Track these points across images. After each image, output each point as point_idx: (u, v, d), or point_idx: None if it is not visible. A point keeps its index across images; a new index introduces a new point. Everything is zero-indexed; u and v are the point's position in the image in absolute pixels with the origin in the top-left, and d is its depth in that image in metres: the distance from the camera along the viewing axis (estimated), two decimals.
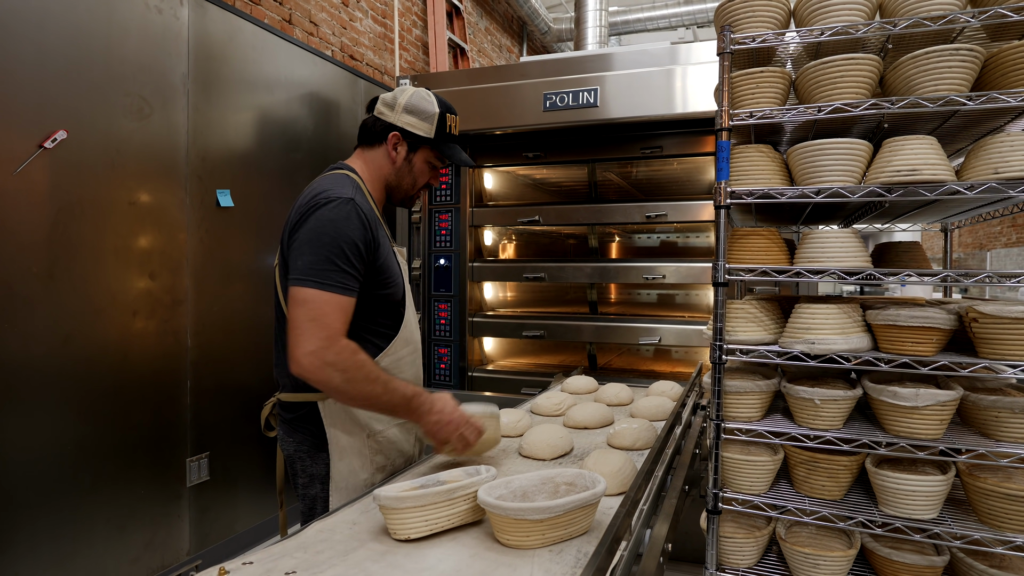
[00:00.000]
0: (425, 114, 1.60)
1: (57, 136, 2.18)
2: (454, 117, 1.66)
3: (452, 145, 1.66)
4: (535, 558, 1.12)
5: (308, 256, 1.38)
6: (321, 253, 1.38)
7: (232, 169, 2.93)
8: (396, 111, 1.59)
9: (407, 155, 1.62)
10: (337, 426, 1.56)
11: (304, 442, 1.60)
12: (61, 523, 2.22)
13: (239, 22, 2.97)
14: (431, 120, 1.60)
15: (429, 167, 1.67)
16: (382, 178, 1.64)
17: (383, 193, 1.67)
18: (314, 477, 1.60)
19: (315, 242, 1.39)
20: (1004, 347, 1.21)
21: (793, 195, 1.34)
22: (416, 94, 1.60)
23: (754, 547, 1.42)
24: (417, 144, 1.62)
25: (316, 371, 1.34)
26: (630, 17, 6.56)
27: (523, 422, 1.98)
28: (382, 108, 1.61)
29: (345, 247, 1.40)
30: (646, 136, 3.08)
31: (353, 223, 1.42)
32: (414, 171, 1.65)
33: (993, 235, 9.91)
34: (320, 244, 1.38)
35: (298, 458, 1.62)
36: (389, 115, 1.60)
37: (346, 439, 1.56)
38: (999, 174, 1.21)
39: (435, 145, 1.62)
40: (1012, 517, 1.22)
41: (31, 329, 2.12)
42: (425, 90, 1.63)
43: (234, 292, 2.95)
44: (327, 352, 1.34)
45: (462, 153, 1.69)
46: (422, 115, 1.60)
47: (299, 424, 1.60)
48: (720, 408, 1.39)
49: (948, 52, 1.24)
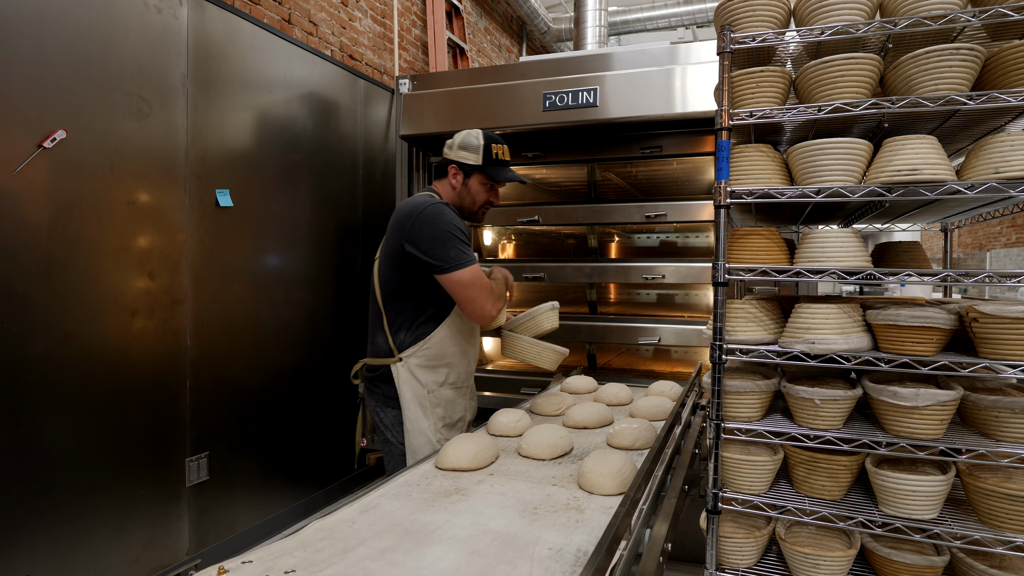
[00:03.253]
0: (472, 147, 2.06)
1: (56, 136, 2.17)
2: (500, 146, 2.10)
3: (498, 168, 2.10)
4: (535, 557, 1.12)
5: (442, 249, 1.90)
6: (450, 244, 1.90)
7: (231, 169, 2.93)
8: (453, 149, 2.09)
9: (463, 181, 2.10)
10: (404, 384, 2.03)
11: (381, 396, 2.10)
12: (61, 523, 2.21)
13: (238, 22, 2.96)
14: (477, 151, 2.06)
15: (484, 188, 2.12)
16: (451, 201, 2.10)
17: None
18: (386, 426, 2.10)
19: (440, 238, 1.90)
20: (1004, 347, 1.21)
21: (793, 195, 1.34)
22: (468, 134, 2.09)
23: (754, 547, 1.42)
24: (469, 171, 2.08)
25: (499, 310, 2.00)
26: (629, 17, 6.56)
27: (523, 422, 1.98)
28: (445, 149, 2.12)
29: (457, 232, 1.93)
30: (646, 136, 3.08)
31: (453, 216, 1.96)
32: (471, 192, 2.11)
33: (993, 235, 9.92)
34: (445, 238, 1.90)
35: (377, 408, 2.12)
36: (449, 153, 2.10)
37: (410, 394, 2.03)
38: (999, 174, 1.21)
39: (483, 169, 2.07)
40: (1012, 517, 1.22)
41: (30, 329, 2.12)
42: (476, 130, 2.09)
43: (233, 292, 2.95)
44: (496, 298, 2.00)
45: (508, 172, 2.12)
46: (470, 148, 2.07)
47: (377, 381, 2.11)
48: (720, 408, 1.39)
49: (948, 51, 1.24)
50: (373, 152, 4.03)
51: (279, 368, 3.24)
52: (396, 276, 2.02)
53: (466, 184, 2.09)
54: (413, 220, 1.93)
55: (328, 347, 3.62)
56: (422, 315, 2.04)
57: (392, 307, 2.05)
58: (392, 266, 2.02)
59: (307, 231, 3.44)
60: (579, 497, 1.43)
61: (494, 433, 1.96)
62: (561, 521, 1.29)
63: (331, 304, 3.65)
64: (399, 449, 2.08)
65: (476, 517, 1.30)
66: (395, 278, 2.02)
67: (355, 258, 3.87)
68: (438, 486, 1.50)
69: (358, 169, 3.88)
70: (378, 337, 2.10)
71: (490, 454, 1.67)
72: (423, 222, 1.91)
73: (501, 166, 2.10)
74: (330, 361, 3.64)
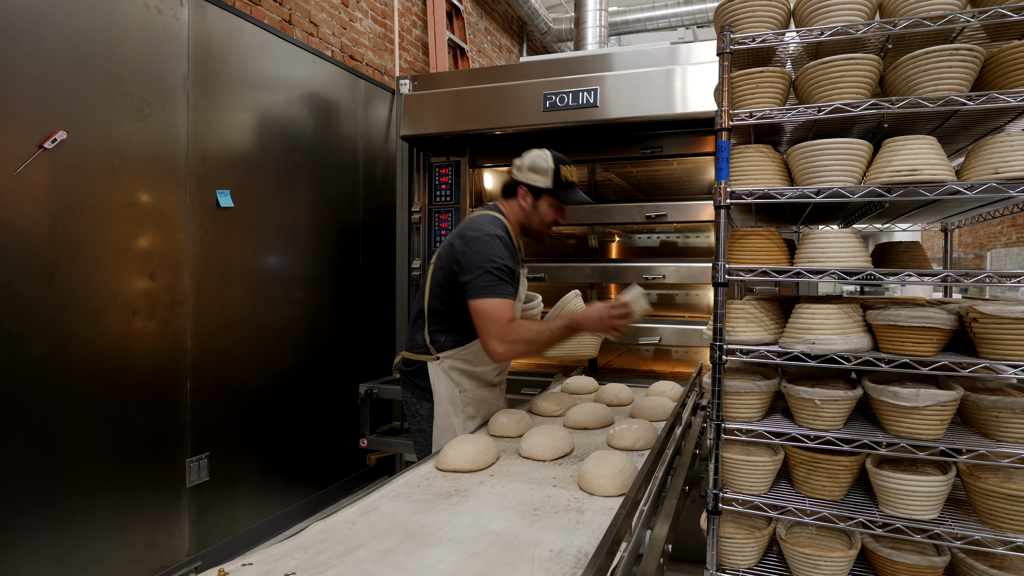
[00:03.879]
0: (542, 169, 2.07)
1: (57, 136, 2.18)
2: (568, 168, 2.10)
3: (567, 190, 2.10)
4: (535, 558, 1.12)
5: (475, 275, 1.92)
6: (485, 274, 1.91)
7: (232, 169, 2.93)
8: (522, 171, 2.10)
9: (533, 202, 2.11)
10: (439, 382, 2.10)
11: (416, 389, 2.17)
12: (61, 523, 2.22)
13: (239, 22, 2.97)
14: (547, 173, 2.06)
15: (552, 209, 2.13)
16: (518, 221, 2.14)
17: (519, 231, 2.16)
18: (421, 417, 2.17)
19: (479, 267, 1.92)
20: (1004, 347, 1.21)
21: (793, 195, 1.34)
22: (538, 156, 2.08)
23: (754, 547, 1.42)
24: (539, 193, 2.09)
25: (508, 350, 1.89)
26: (630, 17, 6.56)
27: (523, 422, 1.98)
28: (513, 170, 2.13)
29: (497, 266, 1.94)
30: (646, 136, 3.08)
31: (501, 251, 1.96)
32: (540, 213, 2.12)
33: (993, 235, 9.91)
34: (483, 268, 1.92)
35: (411, 402, 2.19)
36: (518, 175, 2.11)
37: (444, 391, 2.10)
38: (999, 174, 1.21)
39: (553, 192, 2.08)
40: (1013, 517, 1.22)
41: (30, 329, 2.12)
42: (545, 151, 2.09)
43: (234, 292, 2.95)
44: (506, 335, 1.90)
45: (577, 194, 2.11)
46: (540, 171, 2.07)
47: (413, 376, 2.17)
48: (720, 408, 1.39)
49: (948, 52, 1.24)
50: (374, 152, 4.03)
51: (280, 368, 3.24)
52: (447, 286, 2.06)
53: (535, 206, 2.11)
54: (468, 243, 1.98)
55: (328, 347, 3.62)
56: (465, 324, 2.05)
57: (437, 312, 2.10)
58: (444, 276, 2.07)
59: (308, 231, 3.44)
60: (580, 498, 1.43)
61: (494, 434, 1.96)
62: (562, 522, 1.29)
63: (332, 304, 3.65)
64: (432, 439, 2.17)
65: (476, 518, 1.30)
66: (446, 287, 2.07)
67: (356, 258, 3.87)
68: (439, 487, 1.50)
69: (358, 169, 3.88)
70: (418, 335, 2.17)
71: (490, 455, 1.67)
72: (474, 250, 1.96)
73: (570, 188, 2.11)
74: (331, 361, 3.64)
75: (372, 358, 4.00)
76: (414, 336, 2.19)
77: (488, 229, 2.00)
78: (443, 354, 2.10)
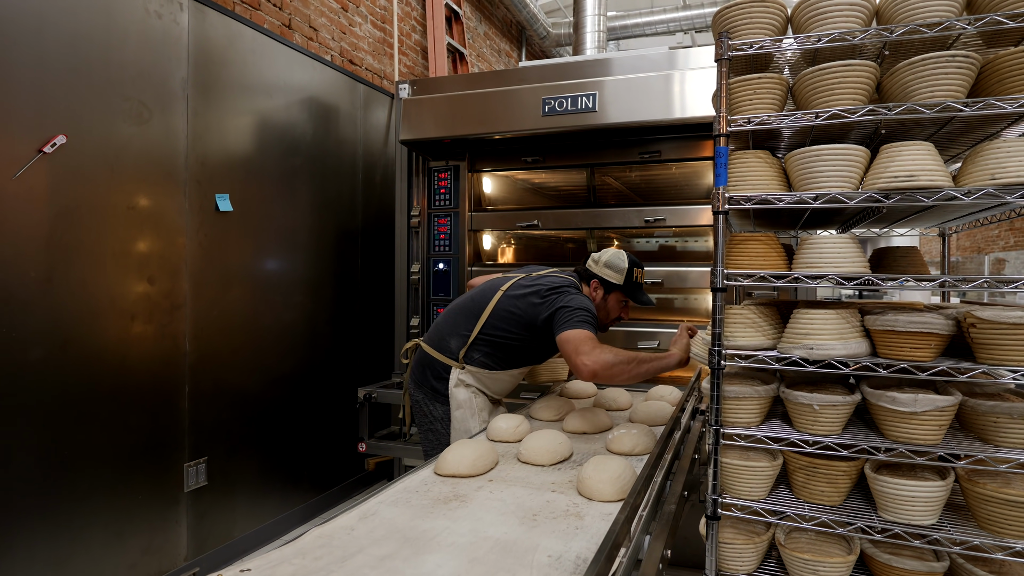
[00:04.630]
0: (617, 268, 2.23)
1: (56, 141, 2.18)
2: (640, 270, 2.27)
3: (636, 290, 2.26)
4: (534, 564, 1.12)
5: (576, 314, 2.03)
6: (587, 319, 2.02)
7: (231, 174, 2.94)
8: (598, 265, 2.26)
9: (604, 295, 2.26)
10: (459, 388, 2.21)
11: (431, 390, 2.27)
12: (58, 528, 2.21)
13: (239, 27, 2.97)
14: (621, 272, 2.23)
15: (619, 305, 2.29)
16: None
17: None
18: (434, 418, 2.27)
19: (579, 310, 2.03)
20: (1002, 352, 1.21)
21: (791, 201, 1.34)
22: (615, 255, 2.25)
23: (753, 553, 1.42)
24: (611, 288, 2.25)
25: (595, 361, 1.91)
26: (628, 22, 6.58)
27: (522, 427, 1.98)
28: (590, 262, 2.30)
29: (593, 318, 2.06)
30: (645, 141, 3.09)
31: (590, 304, 2.11)
32: (607, 307, 2.28)
33: (991, 239, 9.93)
34: (583, 313, 2.03)
35: (424, 402, 2.29)
36: (593, 267, 2.27)
37: (462, 396, 2.20)
38: (996, 180, 1.21)
39: (623, 290, 2.25)
40: (1011, 523, 1.22)
41: (29, 333, 2.12)
42: (622, 252, 2.25)
43: (233, 296, 2.95)
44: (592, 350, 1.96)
45: (644, 296, 2.29)
46: (615, 268, 2.23)
47: (432, 377, 2.26)
48: (719, 413, 1.39)
49: (945, 58, 1.24)
50: (373, 157, 4.04)
51: (278, 372, 3.24)
52: (514, 324, 2.17)
53: (605, 299, 2.26)
54: (566, 296, 2.10)
55: (327, 351, 3.62)
56: (506, 356, 2.22)
57: (486, 337, 2.19)
58: (516, 313, 2.16)
59: (307, 235, 3.45)
60: (578, 503, 1.43)
61: (493, 439, 1.96)
62: (560, 528, 1.29)
63: (330, 308, 3.65)
64: (446, 440, 2.25)
65: (475, 524, 1.30)
66: (513, 324, 2.17)
67: (354, 262, 3.87)
68: (437, 492, 1.50)
69: (358, 174, 3.89)
70: (452, 340, 2.25)
71: (489, 460, 1.67)
72: (577, 302, 2.07)
73: (639, 289, 2.27)
74: (329, 365, 3.64)
75: (371, 362, 3.99)
76: (448, 340, 2.25)
77: (572, 288, 2.17)
78: (471, 367, 2.21)
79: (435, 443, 2.29)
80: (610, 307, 2.28)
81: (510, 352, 2.22)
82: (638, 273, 2.26)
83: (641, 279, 2.28)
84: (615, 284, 2.23)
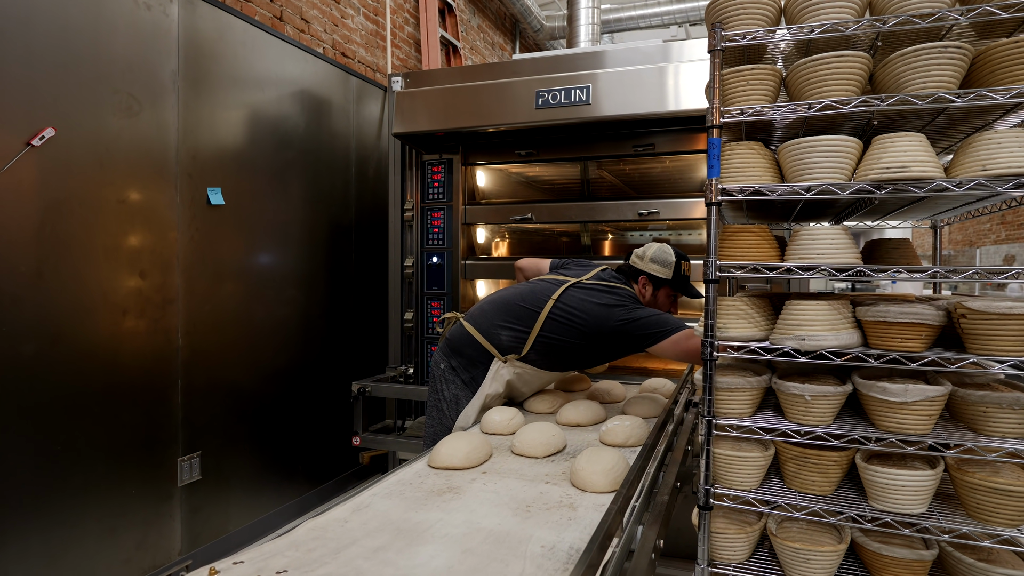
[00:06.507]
0: (665, 262, 2.22)
1: (45, 134, 2.15)
2: (687, 263, 2.26)
3: (684, 283, 2.25)
4: (527, 554, 1.12)
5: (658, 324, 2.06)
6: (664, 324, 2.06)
7: (223, 167, 2.92)
8: (644, 260, 2.25)
9: (653, 292, 2.26)
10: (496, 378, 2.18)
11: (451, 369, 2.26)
12: (51, 524, 2.20)
13: (229, 19, 2.95)
14: (668, 267, 2.22)
15: (668, 300, 2.28)
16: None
17: None
18: (443, 398, 2.26)
19: (651, 319, 2.07)
20: (992, 342, 1.22)
21: (784, 192, 1.34)
22: (661, 249, 2.24)
23: (745, 542, 1.43)
24: (659, 284, 2.25)
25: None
26: (622, 15, 6.56)
27: (516, 420, 1.98)
28: (634, 259, 2.29)
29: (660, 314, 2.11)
30: (638, 134, 3.09)
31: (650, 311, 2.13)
32: (657, 302, 2.27)
33: (983, 232, 9.99)
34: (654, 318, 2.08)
35: (442, 379, 2.28)
36: (639, 263, 2.26)
37: (491, 389, 2.18)
38: (987, 171, 1.21)
39: (672, 284, 2.24)
40: (999, 511, 1.23)
41: (19, 329, 2.10)
42: (667, 246, 2.25)
43: (225, 290, 2.94)
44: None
45: (693, 288, 2.28)
46: (662, 263, 2.22)
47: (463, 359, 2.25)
48: (711, 404, 1.39)
49: (937, 49, 1.24)
50: (366, 150, 4.02)
51: (272, 366, 3.23)
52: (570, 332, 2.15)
53: (655, 295, 2.26)
54: (625, 320, 2.09)
55: (321, 345, 3.61)
56: (553, 359, 2.21)
57: (544, 337, 2.17)
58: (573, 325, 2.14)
59: (299, 229, 3.43)
60: (572, 495, 1.43)
61: (487, 431, 1.97)
62: (554, 519, 1.29)
63: (324, 302, 3.64)
64: (448, 423, 2.23)
65: (469, 515, 1.30)
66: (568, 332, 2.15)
67: (348, 256, 3.86)
68: (431, 484, 1.50)
69: (351, 167, 3.87)
70: (504, 333, 2.21)
71: (483, 452, 1.68)
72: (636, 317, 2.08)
73: (687, 281, 2.26)
74: (323, 359, 3.63)
75: (365, 356, 3.99)
76: (499, 330, 2.21)
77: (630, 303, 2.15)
78: (515, 362, 2.20)
79: (438, 422, 2.28)
80: (660, 303, 2.27)
81: (562, 355, 2.21)
82: (685, 266, 2.25)
83: (688, 272, 2.27)
84: (664, 279, 2.22)
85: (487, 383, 2.18)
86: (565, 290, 2.21)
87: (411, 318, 3.46)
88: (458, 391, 2.24)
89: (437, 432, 2.24)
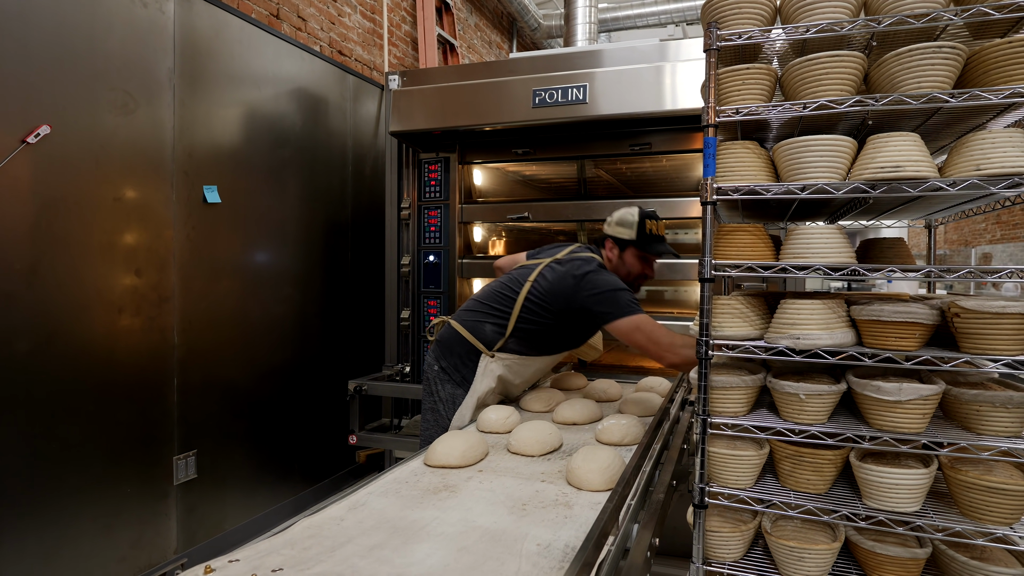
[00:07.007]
0: (628, 223, 2.21)
1: (40, 131, 2.15)
2: (654, 222, 2.23)
3: (651, 243, 2.22)
4: (523, 552, 1.13)
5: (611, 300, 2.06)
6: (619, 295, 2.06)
7: (219, 165, 2.91)
8: (611, 225, 2.26)
9: (619, 254, 2.26)
10: (486, 375, 2.19)
11: (442, 371, 2.26)
12: (47, 523, 2.19)
13: (226, 16, 2.94)
14: (632, 227, 2.20)
15: (638, 260, 2.26)
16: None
17: None
18: (438, 399, 2.26)
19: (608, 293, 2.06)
20: (985, 342, 1.22)
21: (779, 191, 1.35)
22: (625, 212, 2.24)
23: (740, 541, 1.43)
24: (624, 245, 2.24)
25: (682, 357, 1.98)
26: (619, 14, 6.56)
27: (512, 418, 1.98)
28: (604, 225, 2.29)
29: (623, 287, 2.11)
30: (635, 133, 3.09)
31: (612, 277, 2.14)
32: (626, 264, 2.26)
33: (978, 232, 10.03)
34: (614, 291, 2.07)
35: (436, 380, 2.28)
36: (607, 229, 2.27)
37: (482, 386, 2.18)
38: (981, 171, 1.22)
39: (637, 244, 2.22)
40: (993, 509, 1.23)
41: (14, 326, 2.10)
42: (633, 208, 2.24)
43: (221, 288, 2.93)
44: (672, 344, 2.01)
45: (661, 246, 2.24)
46: (626, 224, 2.21)
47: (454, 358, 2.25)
48: (707, 403, 1.40)
49: (931, 49, 1.25)
50: (363, 148, 4.01)
51: (268, 365, 3.22)
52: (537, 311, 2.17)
53: (621, 257, 2.25)
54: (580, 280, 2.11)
55: (317, 343, 3.61)
56: (537, 343, 2.23)
57: (523, 325, 2.19)
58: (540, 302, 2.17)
59: (296, 227, 3.43)
60: (568, 493, 1.43)
61: (483, 430, 1.97)
62: (550, 517, 1.30)
63: (320, 300, 3.64)
64: (445, 423, 2.23)
65: (465, 514, 1.30)
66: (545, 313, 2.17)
67: (344, 254, 3.85)
68: (427, 483, 1.50)
69: (347, 165, 3.86)
70: (488, 325, 2.23)
71: (479, 451, 1.68)
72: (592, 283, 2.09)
73: (655, 240, 2.24)
74: (320, 358, 3.63)
75: (361, 355, 3.98)
76: (483, 324, 2.23)
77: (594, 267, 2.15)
78: (500, 354, 2.21)
79: (434, 424, 2.28)
80: (629, 264, 2.25)
81: (544, 338, 2.23)
82: (651, 225, 2.22)
83: (658, 231, 2.24)
84: (627, 240, 2.21)
85: (478, 379, 2.19)
86: (540, 271, 2.23)
87: (407, 317, 3.46)
88: (454, 390, 2.24)
89: (434, 434, 2.23)
